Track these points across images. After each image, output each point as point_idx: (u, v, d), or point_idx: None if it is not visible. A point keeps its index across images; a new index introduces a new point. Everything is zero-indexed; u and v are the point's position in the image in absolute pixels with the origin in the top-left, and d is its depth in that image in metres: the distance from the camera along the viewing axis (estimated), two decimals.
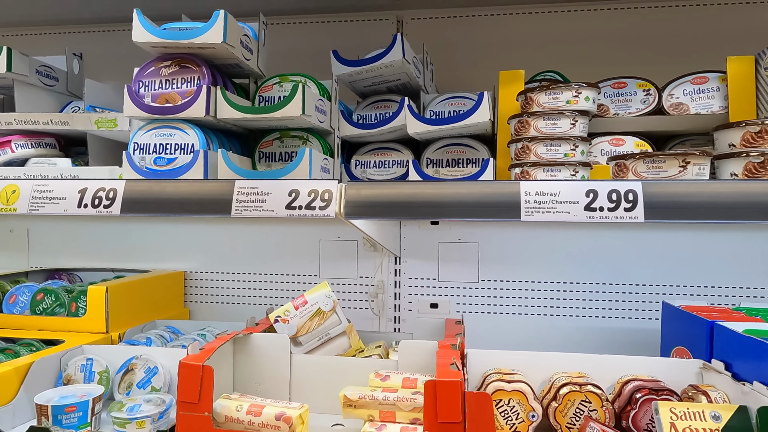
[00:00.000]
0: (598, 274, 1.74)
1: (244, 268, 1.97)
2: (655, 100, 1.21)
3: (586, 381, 1.17)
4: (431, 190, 0.95)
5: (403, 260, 1.89)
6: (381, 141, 1.40)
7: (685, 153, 0.92)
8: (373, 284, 1.92)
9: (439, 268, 1.87)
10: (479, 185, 0.94)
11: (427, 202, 0.94)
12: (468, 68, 1.82)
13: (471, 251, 1.86)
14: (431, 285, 1.88)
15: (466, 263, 1.86)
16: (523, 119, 1.12)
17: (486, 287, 1.84)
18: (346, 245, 1.93)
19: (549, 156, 1.09)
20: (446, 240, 1.87)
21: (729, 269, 1.63)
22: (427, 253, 1.88)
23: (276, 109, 1.07)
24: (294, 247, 1.94)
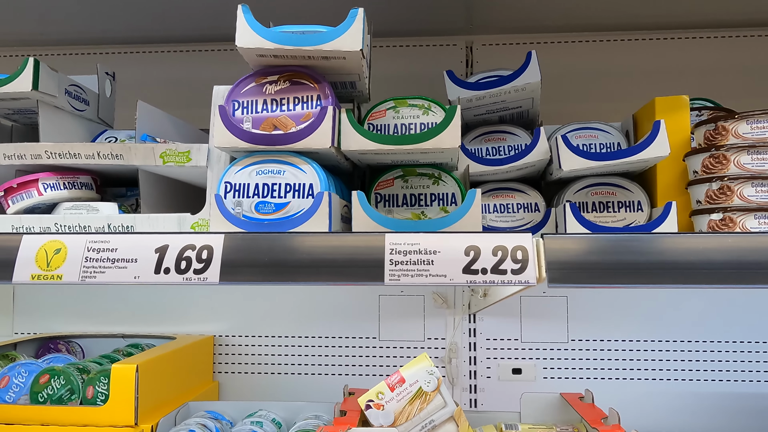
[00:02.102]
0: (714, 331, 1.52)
1: (285, 331, 1.65)
2: None
3: None
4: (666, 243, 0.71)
5: (479, 318, 1.62)
6: (500, 180, 1.15)
7: None
8: (443, 347, 1.64)
9: (521, 326, 1.61)
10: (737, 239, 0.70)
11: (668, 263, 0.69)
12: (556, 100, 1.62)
13: (558, 306, 1.61)
14: (512, 347, 1.62)
15: (552, 320, 1.60)
16: (719, 153, 0.90)
17: (577, 348, 1.59)
18: (410, 301, 1.65)
19: (760, 199, 0.87)
20: (529, 293, 1.61)
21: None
22: (508, 309, 1.62)
23: (427, 138, 0.81)
24: (347, 304, 1.64)
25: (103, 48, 1.78)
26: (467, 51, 1.73)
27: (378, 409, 1.15)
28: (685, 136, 1.02)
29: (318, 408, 1.36)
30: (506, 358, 1.61)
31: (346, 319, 1.64)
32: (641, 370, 1.55)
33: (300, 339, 1.65)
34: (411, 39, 1.72)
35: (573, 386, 1.57)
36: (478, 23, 1.63)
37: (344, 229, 0.90)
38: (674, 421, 1.51)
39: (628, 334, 1.55)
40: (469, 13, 1.56)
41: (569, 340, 1.59)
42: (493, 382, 1.60)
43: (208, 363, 1.64)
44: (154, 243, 0.75)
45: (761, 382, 1.51)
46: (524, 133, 1.19)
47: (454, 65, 1.74)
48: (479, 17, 1.59)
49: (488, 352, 1.61)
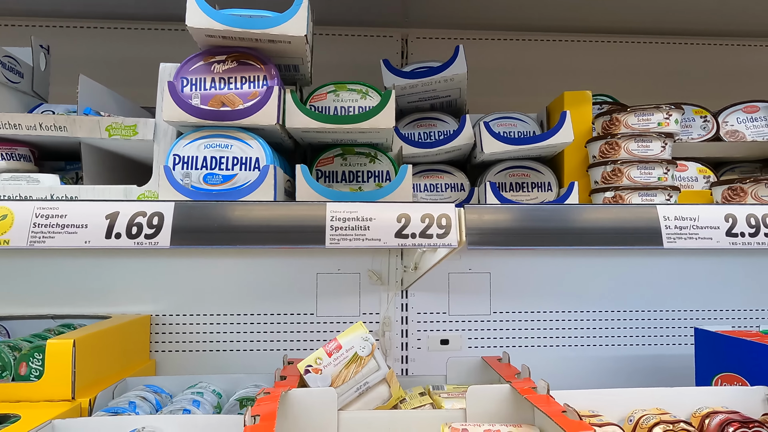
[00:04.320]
0: (616, 302, 1.72)
1: (223, 309, 1.68)
2: (714, 127, 1.23)
3: (675, 418, 1.10)
4: (570, 215, 0.84)
5: (410, 293, 1.74)
6: (430, 162, 1.26)
7: None
8: (378, 321, 1.74)
9: (449, 300, 1.75)
10: (616, 210, 0.85)
11: (567, 229, 0.83)
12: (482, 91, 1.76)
13: (482, 282, 1.76)
14: (441, 320, 1.75)
15: (477, 295, 1.75)
16: (612, 141, 1.05)
17: (498, 320, 1.75)
18: (346, 278, 1.73)
19: (644, 180, 1.03)
20: (456, 271, 1.75)
21: (746, 293, 1.70)
22: (437, 285, 1.75)
23: (365, 118, 0.90)
24: (285, 282, 1.70)
25: (37, 21, 1.72)
26: (403, 43, 1.83)
27: (316, 373, 1.23)
28: (588, 126, 1.17)
29: (257, 378, 1.42)
30: (435, 330, 1.74)
31: (284, 297, 1.70)
32: (555, 338, 1.73)
33: (239, 317, 1.69)
34: (352, 29, 1.79)
35: (495, 353, 1.73)
36: (414, 17, 1.73)
37: (288, 201, 0.97)
38: (582, 380, 1.71)
39: (544, 306, 1.73)
40: (405, 8, 1.66)
41: (492, 312, 1.75)
42: (423, 353, 1.73)
43: (144, 342, 1.64)
44: (104, 210, 0.79)
45: (655, 346, 1.74)
46: (452, 120, 1.31)
47: (390, 56, 1.83)
48: (415, 12, 1.69)
49: (419, 325, 1.73)
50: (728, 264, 1.71)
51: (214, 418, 1.08)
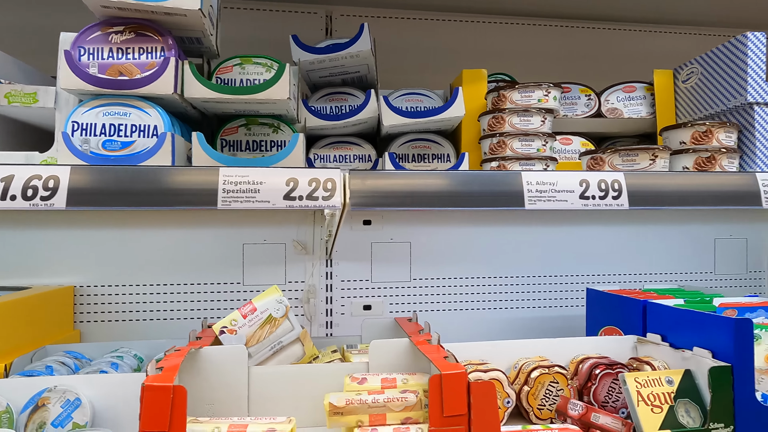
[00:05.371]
0: (522, 268, 1.87)
1: (149, 279, 1.71)
2: (596, 105, 1.35)
3: (552, 363, 1.24)
4: (442, 180, 0.94)
5: (335, 262, 1.83)
6: (340, 135, 1.34)
7: (654, 148, 1.03)
8: (303, 289, 1.82)
9: (372, 268, 1.85)
10: (489, 176, 0.95)
11: (438, 193, 0.93)
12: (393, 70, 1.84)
13: (403, 251, 1.86)
14: (364, 287, 1.85)
15: (398, 263, 1.86)
16: (498, 115, 1.16)
17: (418, 286, 1.86)
18: (273, 249, 1.80)
19: (524, 151, 1.14)
20: (378, 240, 1.85)
21: (632, 258, 1.88)
22: (360, 254, 1.84)
23: (260, 90, 0.96)
24: (212, 252, 1.75)
25: None
26: (327, 20, 1.88)
27: (231, 333, 1.30)
28: (482, 101, 1.28)
29: (180, 344, 1.46)
30: (358, 296, 1.84)
31: (211, 267, 1.75)
32: (468, 301, 1.86)
33: (165, 287, 1.72)
34: (278, 4, 1.83)
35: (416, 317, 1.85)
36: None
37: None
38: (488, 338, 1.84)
39: (459, 272, 1.85)
40: None
41: (412, 279, 1.86)
42: (347, 318, 1.83)
43: (68, 313, 1.66)
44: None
45: (557, 308, 1.90)
46: (362, 95, 1.38)
47: (315, 32, 1.88)
48: None
49: (343, 292, 1.82)
50: (618, 232, 1.89)
51: (127, 376, 1.13)
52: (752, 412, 1.05)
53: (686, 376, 1.11)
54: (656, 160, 1.03)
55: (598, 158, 1.08)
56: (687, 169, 1.09)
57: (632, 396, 1.09)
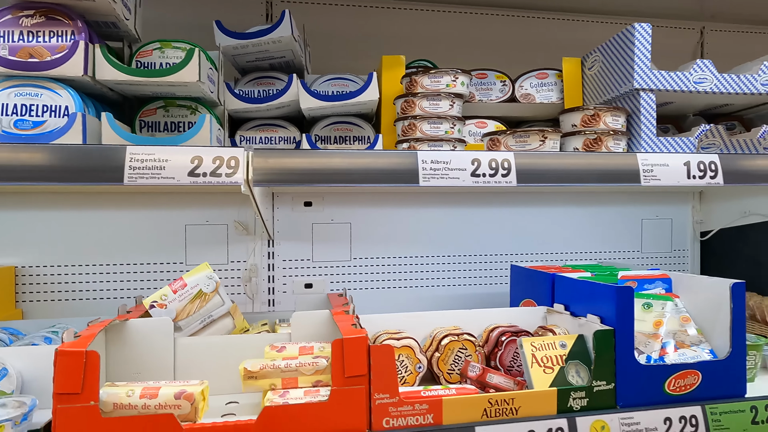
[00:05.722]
0: (458, 247, 1.96)
1: (91, 260, 1.76)
2: (510, 90, 1.44)
3: (462, 331, 1.33)
4: (341, 159, 1.01)
5: (276, 243, 1.89)
6: (266, 117, 1.39)
7: (544, 130, 1.12)
8: (245, 268, 1.88)
9: (313, 249, 1.92)
10: (386, 154, 1.03)
11: (337, 170, 1.00)
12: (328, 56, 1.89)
13: (343, 231, 1.93)
14: (305, 266, 1.91)
15: (338, 243, 1.93)
16: (410, 99, 1.23)
17: (358, 265, 1.94)
18: (215, 229, 1.85)
19: (432, 132, 1.22)
20: (319, 221, 1.92)
21: (564, 238, 1.99)
22: (301, 234, 1.90)
23: (170, 72, 1.01)
24: (155, 233, 1.79)
25: None
26: (267, 6, 1.92)
27: (161, 308, 1.36)
28: (400, 86, 1.34)
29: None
30: (300, 275, 1.91)
31: (154, 248, 1.80)
32: (406, 279, 1.95)
33: (108, 266, 1.77)
34: None
35: (354, 296, 1.92)
36: None
37: None
38: None
39: (399, 253, 1.93)
40: None
41: (352, 258, 1.93)
42: (289, 296, 1.90)
43: (9, 293, 1.69)
44: None
45: (491, 285, 2.00)
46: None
47: (255, 19, 1.92)
48: None
49: (284, 271, 1.89)
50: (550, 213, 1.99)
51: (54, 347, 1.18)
52: (631, 370, 1.15)
53: (578, 341, 1.22)
54: (546, 141, 1.12)
55: (496, 139, 1.16)
56: (577, 150, 1.19)
57: (527, 358, 1.19)
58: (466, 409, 1.08)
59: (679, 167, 1.13)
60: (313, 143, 1.25)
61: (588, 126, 1.16)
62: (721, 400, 1.19)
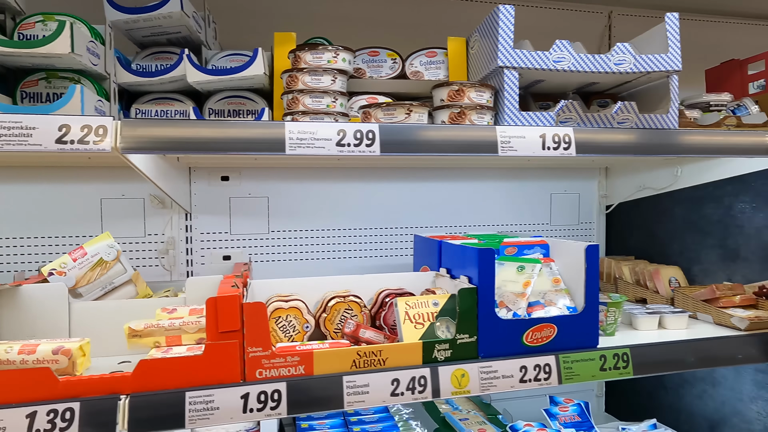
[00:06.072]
0: (372, 220, 2.05)
1: (5, 233, 1.78)
2: (400, 67, 1.52)
3: (349, 293, 1.43)
4: (210, 129, 1.07)
5: (194, 216, 1.95)
6: (163, 91, 1.44)
7: (410, 103, 1.21)
8: (163, 241, 1.93)
9: (231, 222, 1.98)
10: (251, 125, 1.10)
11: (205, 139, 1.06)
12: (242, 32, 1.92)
13: (261, 205, 2.00)
14: (223, 239, 1.98)
15: (256, 216, 2.00)
16: (293, 74, 1.30)
17: (276, 237, 2.01)
18: (131, 203, 1.90)
19: (314, 106, 1.29)
20: (237, 195, 1.98)
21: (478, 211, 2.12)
22: (219, 208, 1.97)
23: (41, 44, 1.05)
24: (70, 207, 1.83)
25: None
26: None
27: (60, 275, 1.41)
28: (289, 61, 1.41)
29: None
30: (218, 248, 1.97)
31: (69, 222, 1.83)
32: (322, 251, 2.04)
33: (21, 240, 1.80)
34: None
35: (271, 267, 2.01)
36: None
37: None
38: None
39: (315, 225, 2.02)
40: None
41: (270, 231, 2.01)
42: (207, 268, 1.96)
43: None
44: None
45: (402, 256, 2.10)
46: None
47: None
48: None
49: (202, 244, 1.95)
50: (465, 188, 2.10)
51: None
52: (492, 325, 1.27)
53: (450, 299, 1.32)
54: (411, 114, 1.21)
55: (368, 113, 1.24)
56: (444, 123, 1.28)
57: (400, 315, 1.29)
58: (335, 360, 1.18)
59: (535, 139, 1.24)
60: (199, 115, 1.31)
61: (453, 100, 1.25)
62: (575, 350, 1.32)
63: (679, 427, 1.94)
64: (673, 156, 1.33)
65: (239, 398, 1.11)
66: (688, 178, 1.90)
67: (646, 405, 2.13)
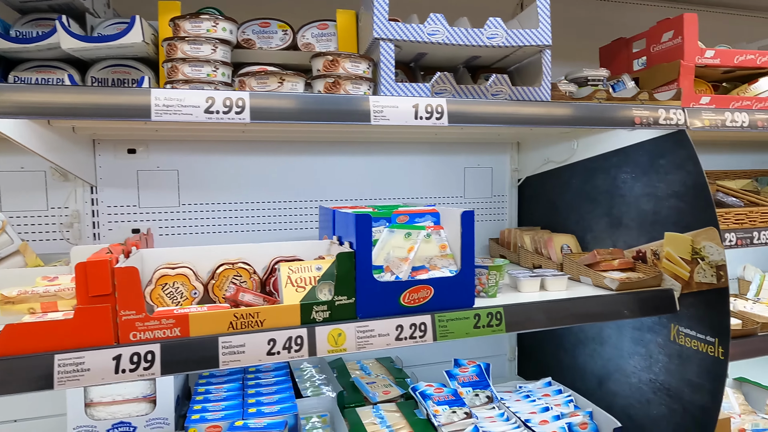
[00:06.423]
0: (286, 194, 2.08)
1: None
2: (291, 39, 1.54)
3: (239, 260, 1.47)
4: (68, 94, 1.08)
5: (99, 189, 1.93)
6: (44, 59, 1.42)
7: (283, 72, 1.24)
8: (67, 215, 1.91)
9: (139, 195, 1.97)
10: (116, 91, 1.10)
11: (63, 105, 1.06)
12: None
13: (171, 178, 2.00)
14: (132, 212, 1.97)
15: (166, 190, 1.99)
16: (172, 42, 1.30)
17: (187, 211, 2.02)
18: (31, 176, 1.86)
19: (193, 75, 1.30)
20: (145, 168, 1.97)
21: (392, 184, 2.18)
22: (126, 181, 1.95)
23: None
24: None
25: None
26: None
27: None
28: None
29: None
30: (126, 221, 1.96)
31: None
32: (234, 225, 2.05)
33: None
34: None
35: (182, 240, 2.01)
36: None
37: None
38: None
39: (227, 199, 2.03)
40: None
41: (181, 205, 2.01)
42: (116, 240, 1.95)
43: None
44: None
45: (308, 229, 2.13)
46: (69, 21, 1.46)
47: None
48: None
49: (110, 217, 1.94)
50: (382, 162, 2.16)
51: None
52: (369, 287, 1.33)
53: (333, 264, 1.38)
54: (284, 83, 1.24)
55: (242, 81, 1.26)
56: (320, 92, 1.32)
57: (282, 279, 1.34)
58: (212, 323, 1.22)
59: (408, 109, 1.29)
60: (74, 82, 1.30)
61: (329, 71, 1.29)
62: (452, 310, 1.40)
63: (575, 384, 2.08)
64: (543, 126, 1.41)
65: (111, 359, 1.14)
66: (583, 150, 2.01)
67: (550, 365, 2.27)
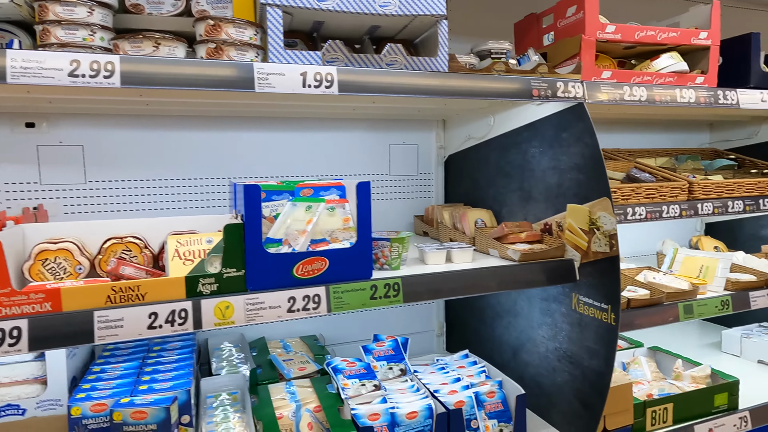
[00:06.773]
0: (198, 170, 2.02)
1: None
2: (184, 4, 1.48)
3: (129, 235, 1.42)
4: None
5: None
6: None
7: (159, 36, 1.19)
8: None
9: (41, 171, 1.88)
10: None
11: None
12: None
13: (75, 154, 1.91)
14: (33, 189, 1.88)
15: (71, 166, 1.91)
16: (43, 3, 1.23)
17: (94, 188, 1.94)
18: None
19: (67, 39, 1.24)
20: (46, 143, 1.88)
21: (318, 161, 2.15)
22: (25, 156, 1.86)
23: None
24: None
25: None
26: None
27: None
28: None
29: None
30: (26, 199, 1.87)
31: None
32: (147, 203, 1.98)
33: None
34: None
35: (89, 218, 1.93)
36: None
37: None
38: None
39: (139, 176, 1.95)
40: None
41: (88, 182, 1.92)
42: None
43: None
44: None
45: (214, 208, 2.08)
46: None
47: None
48: None
49: (7, 195, 1.84)
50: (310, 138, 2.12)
51: None
52: (259, 259, 1.31)
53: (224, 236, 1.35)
54: (159, 47, 1.19)
55: (116, 44, 1.21)
56: (203, 58, 1.27)
57: (169, 252, 1.30)
58: (87, 296, 1.17)
59: (295, 77, 1.26)
60: None
61: (210, 36, 1.24)
62: (348, 282, 1.40)
63: (492, 356, 2.13)
64: (433, 97, 1.41)
65: None
66: (499, 126, 2.03)
67: (471, 339, 2.31)
